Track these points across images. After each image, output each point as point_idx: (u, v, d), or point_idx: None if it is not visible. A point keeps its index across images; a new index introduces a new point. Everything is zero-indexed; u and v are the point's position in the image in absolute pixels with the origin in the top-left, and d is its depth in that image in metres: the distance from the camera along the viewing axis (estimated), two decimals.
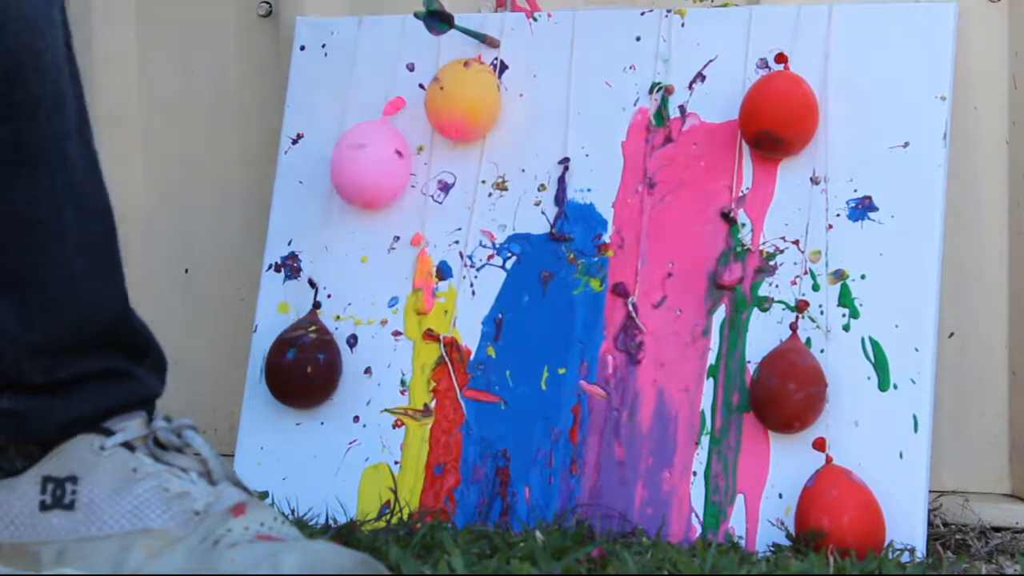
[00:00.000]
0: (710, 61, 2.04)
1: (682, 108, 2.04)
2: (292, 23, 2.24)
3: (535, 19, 2.13)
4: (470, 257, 2.08)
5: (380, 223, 2.12)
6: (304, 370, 2.04)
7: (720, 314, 1.96)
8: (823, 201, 1.95)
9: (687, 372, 1.96)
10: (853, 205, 1.94)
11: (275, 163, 2.19)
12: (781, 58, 1.99)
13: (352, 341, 2.09)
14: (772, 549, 1.83)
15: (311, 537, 1.76)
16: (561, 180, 2.06)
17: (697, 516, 1.91)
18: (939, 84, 1.94)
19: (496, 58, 2.12)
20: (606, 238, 2.03)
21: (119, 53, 2.40)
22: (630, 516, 1.93)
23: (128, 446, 1.52)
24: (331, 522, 1.95)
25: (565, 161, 2.07)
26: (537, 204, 2.07)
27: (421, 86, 2.14)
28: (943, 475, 2.07)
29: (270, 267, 2.15)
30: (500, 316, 2.05)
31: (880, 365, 1.89)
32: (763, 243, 1.97)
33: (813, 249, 1.95)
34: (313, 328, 2.06)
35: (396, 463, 2.03)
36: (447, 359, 2.05)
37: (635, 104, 2.06)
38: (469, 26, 2.12)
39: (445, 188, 2.11)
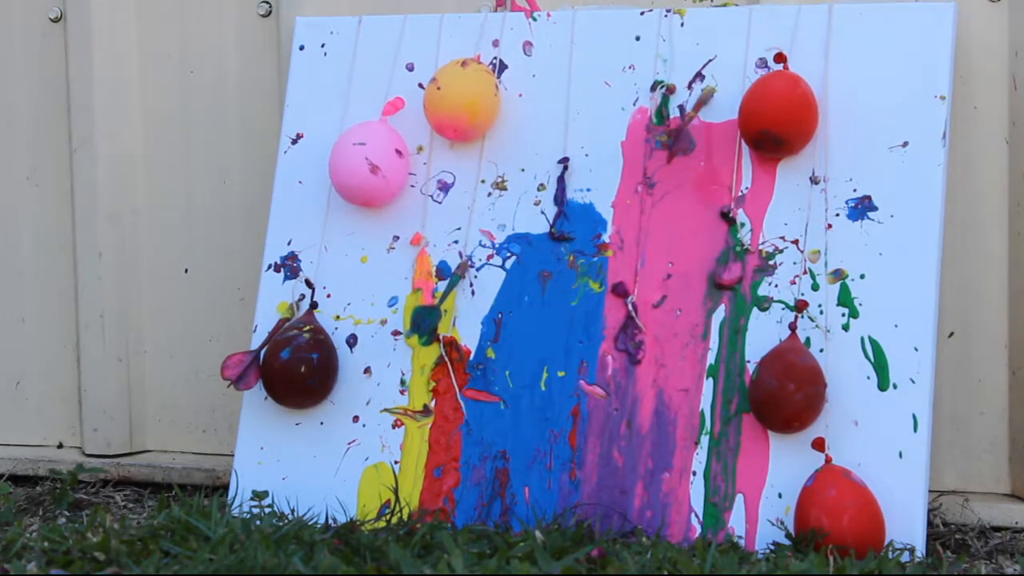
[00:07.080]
0: (710, 61, 2.04)
1: (682, 108, 2.04)
2: (292, 23, 2.24)
3: (535, 19, 2.12)
4: (470, 257, 2.08)
5: (380, 223, 2.12)
6: (298, 370, 2.03)
7: (720, 314, 1.96)
8: (823, 201, 1.95)
9: (687, 372, 1.96)
10: (853, 205, 1.94)
11: (275, 163, 2.19)
12: (781, 58, 1.98)
13: (352, 341, 2.09)
14: (772, 549, 1.83)
15: (311, 537, 1.77)
16: (561, 180, 2.06)
17: (697, 516, 1.91)
18: (939, 84, 1.94)
19: (495, 58, 2.12)
20: (606, 238, 2.02)
21: (119, 53, 2.41)
22: (630, 517, 1.92)
23: None
24: (331, 522, 1.95)
25: (565, 161, 2.06)
26: (537, 204, 2.07)
27: (421, 86, 2.14)
28: (943, 475, 2.07)
29: (270, 267, 2.15)
30: (500, 316, 2.05)
31: (880, 365, 1.89)
32: (762, 243, 1.97)
33: (812, 249, 1.95)
34: (308, 328, 2.06)
35: (396, 463, 2.03)
36: (447, 359, 2.05)
37: (635, 104, 2.06)
38: (469, 24, 2.12)
39: (445, 188, 2.11)
